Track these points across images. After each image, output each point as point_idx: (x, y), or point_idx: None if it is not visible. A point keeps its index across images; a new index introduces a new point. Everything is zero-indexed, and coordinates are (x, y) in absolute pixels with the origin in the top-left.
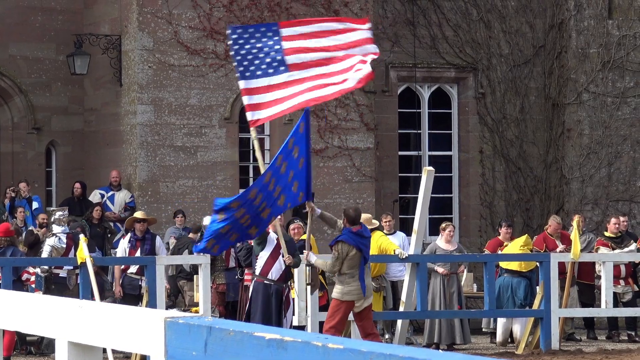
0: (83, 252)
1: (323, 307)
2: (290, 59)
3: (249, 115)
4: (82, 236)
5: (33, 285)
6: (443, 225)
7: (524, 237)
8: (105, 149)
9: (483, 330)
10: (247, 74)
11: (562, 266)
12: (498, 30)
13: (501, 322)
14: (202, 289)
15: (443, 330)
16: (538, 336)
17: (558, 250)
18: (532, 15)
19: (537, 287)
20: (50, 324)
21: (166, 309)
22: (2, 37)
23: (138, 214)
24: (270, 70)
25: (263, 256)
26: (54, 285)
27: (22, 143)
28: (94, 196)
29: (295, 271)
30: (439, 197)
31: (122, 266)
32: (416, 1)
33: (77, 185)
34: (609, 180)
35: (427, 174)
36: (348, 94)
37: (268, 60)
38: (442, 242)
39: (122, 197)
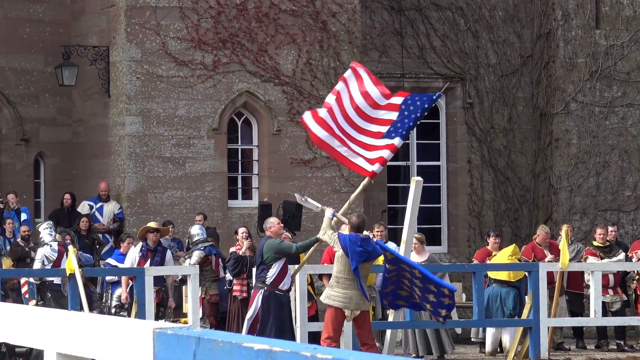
0: (72, 264)
1: (312, 318)
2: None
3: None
4: (71, 247)
5: (27, 296)
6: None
7: (512, 247)
8: (93, 160)
9: (472, 340)
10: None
11: (550, 276)
12: (486, 40)
13: (490, 331)
14: (191, 300)
15: (418, 341)
16: (527, 346)
17: (547, 260)
18: (520, 25)
19: (526, 297)
20: (39, 335)
21: (155, 319)
22: None
23: (152, 224)
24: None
25: (276, 266)
26: (49, 293)
27: (11, 154)
28: (83, 207)
29: (296, 280)
30: (428, 207)
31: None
32: (404, 12)
33: (67, 196)
34: (597, 189)
35: (415, 184)
36: None
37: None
38: (413, 254)
39: (110, 208)
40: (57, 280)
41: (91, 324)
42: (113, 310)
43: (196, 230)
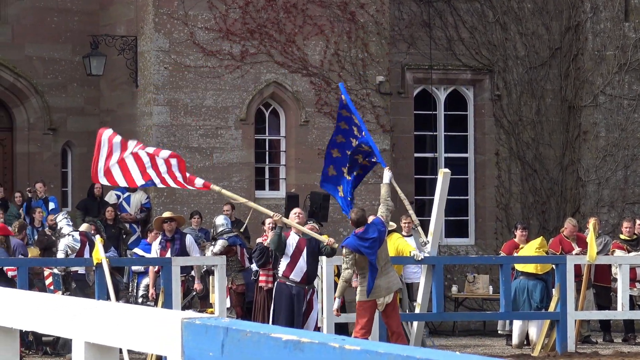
0: (99, 253)
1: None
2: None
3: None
4: (98, 237)
5: (52, 287)
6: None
7: (539, 240)
8: None
9: (499, 332)
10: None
11: (578, 269)
12: (514, 32)
13: (517, 324)
14: (217, 290)
15: None
16: (554, 339)
17: (574, 252)
18: (549, 17)
19: (553, 290)
20: (67, 324)
21: (182, 309)
22: (18, 38)
23: (165, 214)
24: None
25: (285, 258)
26: (74, 283)
27: (38, 144)
28: (110, 197)
29: (323, 272)
30: (455, 199)
31: (156, 268)
32: (432, 3)
33: (98, 185)
34: (625, 182)
35: (443, 176)
36: (364, 96)
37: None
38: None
39: (138, 198)
40: (81, 270)
41: (119, 314)
42: (140, 300)
43: (221, 221)
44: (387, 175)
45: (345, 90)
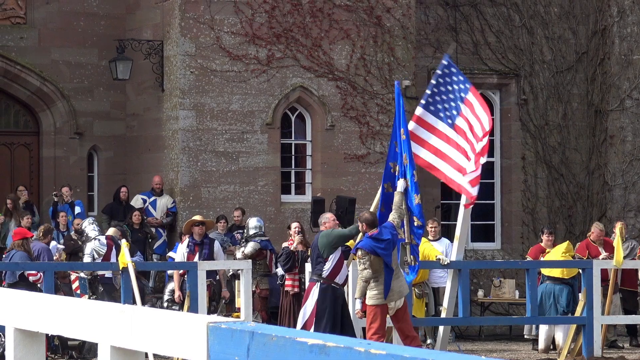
0: (125, 257)
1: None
2: (459, 121)
3: (413, 147)
4: (124, 241)
5: (78, 292)
6: None
7: (565, 244)
8: (147, 154)
9: (525, 337)
10: (431, 107)
11: (604, 273)
12: (541, 37)
13: (543, 329)
14: (243, 294)
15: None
16: (580, 343)
17: (601, 257)
18: (575, 21)
19: (580, 294)
20: (93, 329)
21: (208, 313)
22: (44, 42)
23: (196, 217)
24: (441, 114)
25: (332, 259)
26: (101, 287)
27: (64, 148)
28: (136, 201)
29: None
30: (481, 204)
31: (181, 271)
32: (458, 7)
33: (124, 189)
34: None
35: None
36: (390, 100)
37: (446, 106)
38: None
39: (164, 202)
40: (108, 274)
41: (145, 318)
42: (165, 305)
43: (254, 223)
44: (401, 184)
45: (399, 90)
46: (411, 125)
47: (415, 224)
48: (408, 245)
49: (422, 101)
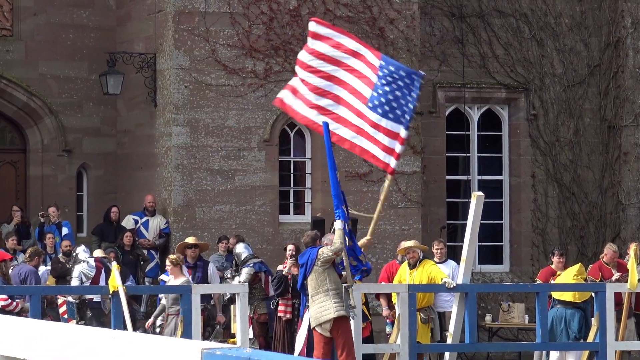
0: (115, 281)
1: (366, 339)
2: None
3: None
4: (114, 263)
5: (65, 316)
6: None
7: (577, 266)
8: (138, 173)
9: None
10: (402, 119)
11: (618, 297)
12: (551, 49)
13: (554, 355)
14: (239, 319)
15: None
16: None
17: (614, 278)
18: (587, 33)
19: (592, 319)
20: (83, 356)
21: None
22: (32, 55)
23: (189, 240)
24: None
25: None
26: (89, 312)
27: (52, 166)
28: (128, 222)
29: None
30: (489, 224)
31: None
32: (465, 18)
33: (115, 209)
34: None
35: (476, 199)
36: None
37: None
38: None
39: (156, 223)
40: (96, 298)
41: (136, 344)
42: (158, 330)
43: (241, 249)
44: (338, 224)
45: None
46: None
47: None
48: (351, 289)
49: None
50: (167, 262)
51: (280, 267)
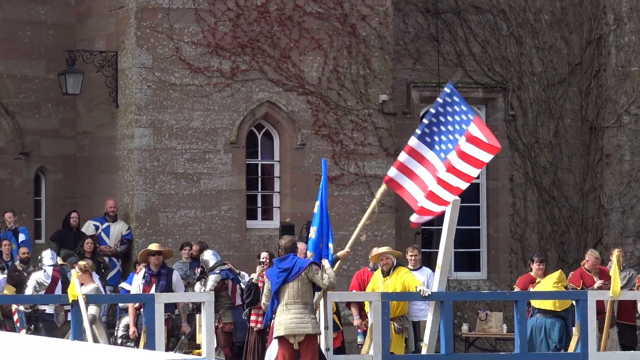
0: (75, 289)
1: (338, 350)
2: (452, 156)
3: (392, 173)
4: (73, 271)
5: (18, 324)
6: None
7: (557, 273)
8: (99, 176)
9: None
10: (427, 138)
11: (600, 305)
12: (530, 47)
13: None
14: (205, 329)
15: None
16: None
17: (595, 285)
18: (568, 30)
19: (573, 328)
20: None
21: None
22: None
23: (152, 246)
24: (436, 147)
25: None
26: (41, 324)
27: (9, 169)
28: (88, 228)
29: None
30: (466, 229)
31: (137, 304)
32: (440, 15)
33: (75, 214)
34: None
35: (452, 204)
36: (366, 117)
37: (443, 138)
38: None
39: (118, 229)
40: (49, 309)
41: (96, 355)
42: (119, 341)
43: (209, 256)
44: (326, 263)
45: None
46: (403, 156)
47: None
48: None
49: (418, 131)
50: (76, 268)
51: (254, 275)
